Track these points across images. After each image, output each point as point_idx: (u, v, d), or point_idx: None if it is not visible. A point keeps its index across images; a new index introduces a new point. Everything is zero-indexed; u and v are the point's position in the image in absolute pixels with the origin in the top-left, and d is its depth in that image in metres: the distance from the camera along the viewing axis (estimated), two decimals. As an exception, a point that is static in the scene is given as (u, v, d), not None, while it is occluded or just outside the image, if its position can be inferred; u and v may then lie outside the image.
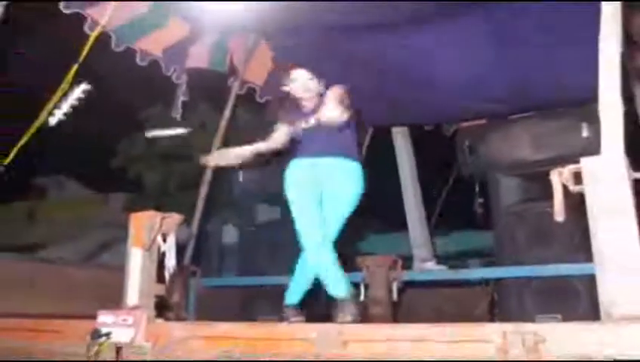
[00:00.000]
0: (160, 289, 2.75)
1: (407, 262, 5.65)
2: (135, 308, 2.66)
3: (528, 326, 1.88)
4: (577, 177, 2.03)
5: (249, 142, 3.79)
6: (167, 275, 2.79)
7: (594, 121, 4.07)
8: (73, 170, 11.61)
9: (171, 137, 9.26)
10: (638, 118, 4.19)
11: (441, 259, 6.19)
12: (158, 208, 8.12)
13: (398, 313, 4.70)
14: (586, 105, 4.29)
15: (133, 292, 2.70)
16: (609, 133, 1.98)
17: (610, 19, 2.06)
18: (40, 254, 9.53)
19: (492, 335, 1.91)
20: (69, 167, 11.34)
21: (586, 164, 1.98)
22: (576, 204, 2.05)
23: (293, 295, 3.58)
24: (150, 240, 2.68)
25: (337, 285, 3.34)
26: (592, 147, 4.09)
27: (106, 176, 10.50)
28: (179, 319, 4.11)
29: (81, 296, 4.55)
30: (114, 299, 2.91)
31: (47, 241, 9.99)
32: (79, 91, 8.67)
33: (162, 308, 2.89)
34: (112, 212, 11.11)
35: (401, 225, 6.66)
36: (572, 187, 2.00)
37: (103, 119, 9.51)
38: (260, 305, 5.12)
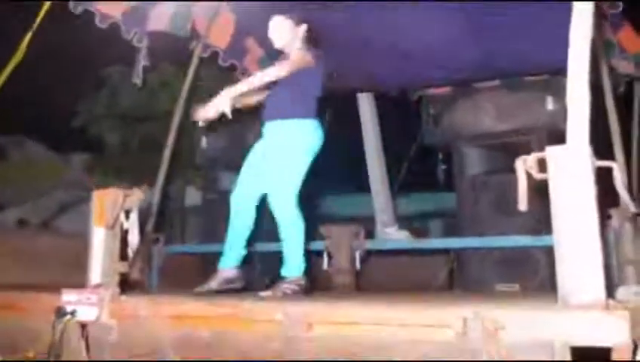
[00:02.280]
0: (123, 267, 2.73)
1: (367, 223, 5.71)
2: (98, 286, 2.64)
3: (488, 312, 1.92)
4: (542, 164, 2.05)
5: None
6: (130, 252, 2.76)
7: (559, 93, 4.15)
8: (33, 130, 11.31)
9: (133, 97, 9.07)
10: (604, 105, 4.26)
11: (402, 220, 6.27)
12: (119, 169, 8.01)
13: (360, 280, 4.76)
14: (551, 78, 4.34)
15: (96, 270, 2.68)
16: (575, 122, 1.99)
17: (581, 13, 2.05)
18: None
19: (452, 320, 1.94)
20: (29, 127, 11.05)
21: (551, 152, 1.99)
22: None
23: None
24: (113, 218, 2.65)
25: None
26: (557, 119, 4.20)
27: (67, 136, 10.28)
28: (140, 285, 4.09)
29: (44, 264, 4.51)
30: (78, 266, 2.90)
31: (6, 202, 9.79)
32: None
33: (125, 282, 2.88)
34: (74, 172, 10.92)
35: (360, 186, 6.72)
36: (536, 174, 2.02)
37: (64, 78, 9.26)
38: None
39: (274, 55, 5.97)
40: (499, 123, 4.38)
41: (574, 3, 2.09)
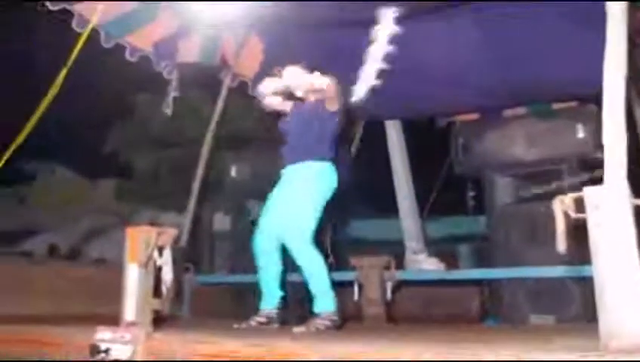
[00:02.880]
0: (157, 304, 2.73)
1: (396, 247, 5.67)
2: (132, 324, 2.64)
3: (527, 355, 1.89)
4: (579, 203, 2.02)
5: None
6: (164, 289, 2.77)
7: (589, 121, 4.12)
8: (63, 156, 11.51)
9: (162, 123, 9.19)
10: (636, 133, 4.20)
11: (430, 243, 6.22)
12: (148, 195, 8.09)
13: (390, 309, 4.72)
14: (581, 105, 4.30)
15: (130, 308, 2.68)
16: (612, 161, 1.95)
17: (615, 48, 2.03)
18: (31, 241, 9.50)
19: (491, 364, 1.91)
20: (59, 153, 11.24)
21: (589, 192, 1.96)
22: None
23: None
24: (146, 256, 2.66)
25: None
26: (587, 148, 4.16)
27: (97, 162, 10.43)
28: (171, 317, 4.09)
29: (76, 295, 4.55)
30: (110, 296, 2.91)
31: (38, 227, 9.94)
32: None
33: (158, 318, 2.88)
34: (103, 198, 11.06)
35: (389, 210, 6.71)
36: (574, 215, 2.00)
37: (94, 105, 9.43)
38: (254, 300, 5.13)
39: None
40: (529, 152, 4.34)
41: (608, 32, 2.06)
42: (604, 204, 1.93)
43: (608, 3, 2.14)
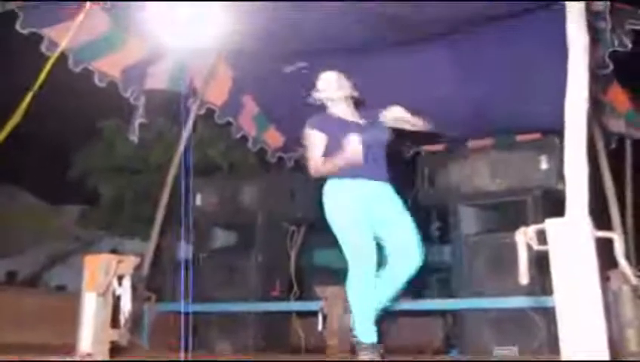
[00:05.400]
0: (115, 335, 2.67)
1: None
2: (88, 354, 2.57)
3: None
4: (541, 235, 2.02)
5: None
6: (122, 319, 2.70)
7: (553, 153, 4.19)
8: (26, 182, 11.30)
9: (127, 150, 9.07)
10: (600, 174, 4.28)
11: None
12: (112, 221, 7.93)
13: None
14: (544, 137, 4.38)
15: (86, 337, 2.61)
16: (574, 194, 1.97)
17: (578, 82, 2.06)
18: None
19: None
20: (21, 178, 11.03)
21: (551, 224, 1.97)
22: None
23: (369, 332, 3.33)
24: (105, 284, 2.60)
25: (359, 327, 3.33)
26: (551, 179, 4.21)
27: (60, 188, 10.23)
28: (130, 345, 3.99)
29: (34, 324, 4.42)
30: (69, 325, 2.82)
31: None
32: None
33: (115, 349, 2.81)
34: (66, 224, 10.84)
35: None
36: (536, 246, 2.00)
37: (58, 130, 9.29)
38: (215, 331, 5.06)
39: (270, 112, 6.07)
40: (493, 182, 4.38)
41: (570, 64, 2.09)
42: (566, 235, 1.93)
43: (570, 35, 2.18)
